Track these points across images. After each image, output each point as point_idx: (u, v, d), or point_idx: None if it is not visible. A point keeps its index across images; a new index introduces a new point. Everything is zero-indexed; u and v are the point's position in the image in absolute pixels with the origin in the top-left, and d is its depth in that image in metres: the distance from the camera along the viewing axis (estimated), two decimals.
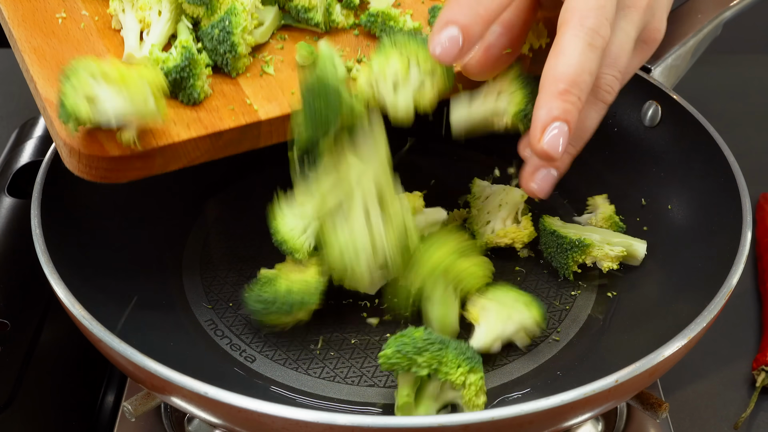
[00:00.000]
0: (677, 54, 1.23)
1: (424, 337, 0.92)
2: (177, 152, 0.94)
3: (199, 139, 0.94)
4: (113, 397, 1.09)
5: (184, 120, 0.95)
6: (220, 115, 0.96)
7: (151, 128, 0.92)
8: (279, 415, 0.78)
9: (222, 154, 0.97)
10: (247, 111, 0.97)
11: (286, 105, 0.98)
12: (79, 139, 0.90)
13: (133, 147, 0.90)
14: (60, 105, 0.86)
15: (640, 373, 0.84)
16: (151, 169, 0.93)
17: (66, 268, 0.93)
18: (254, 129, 0.98)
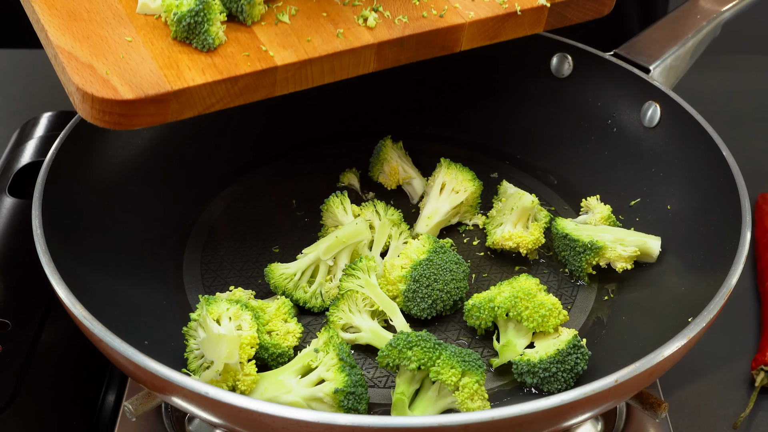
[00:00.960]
0: (676, 54, 1.23)
1: (418, 334, 0.93)
2: (192, 97, 0.93)
3: (214, 84, 0.94)
4: (114, 396, 1.09)
5: (199, 65, 0.94)
6: (236, 61, 0.96)
7: (165, 72, 0.93)
8: (279, 415, 0.78)
9: (237, 101, 0.97)
10: (262, 57, 0.97)
11: (302, 51, 0.98)
12: (92, 84, 0.90)
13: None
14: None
15: (639, 372, 0.84)
16: (165, 115, 0.93)
17: (67, 268, 0.93)
18: (270, 75, 0.97)
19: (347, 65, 1.01)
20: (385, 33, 1.02)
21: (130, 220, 1.11)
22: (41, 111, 1.36)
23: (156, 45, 0.96)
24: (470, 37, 1.07)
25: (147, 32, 0.97)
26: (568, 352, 0.95)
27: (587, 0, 1.11)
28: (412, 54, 1.05)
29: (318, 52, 0.99)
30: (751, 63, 1.72)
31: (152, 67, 0.93)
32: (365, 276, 1.03)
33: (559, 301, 1.00)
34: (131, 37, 0.96)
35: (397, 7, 1.05)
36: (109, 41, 0.95)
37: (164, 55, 0.95)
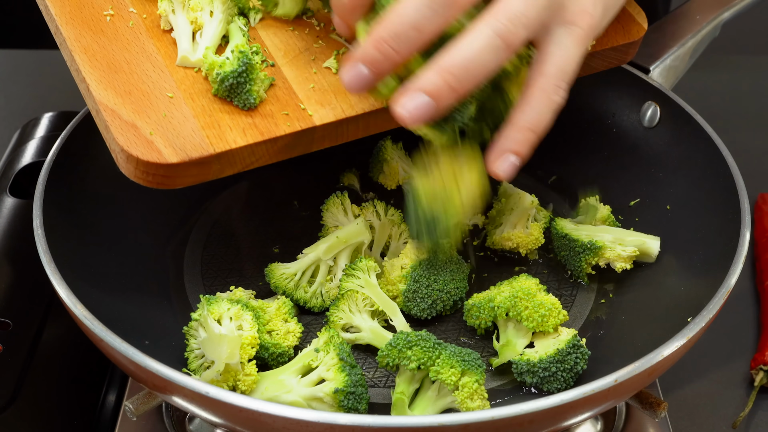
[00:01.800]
0: (676, 55, 1.24)
1: (418, 334, 0.93)
2: (233, 158, 0.93)
3: (255, 145, 0.93)
4: (115, 396, 1.09)
5: (240, 126, 0.94)
6: (276, 121, 0.95)
7: (207, 132, 0.92)
8: (280, 415, 0.78)
9: (276, 158, 0.96)
10: (301, 116, 0.96)
11: (339, 110, 0.97)
12: (137, 146, 0.89)
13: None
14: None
15: (639, 372, 0.84)
16: (207, 175, 0.93)
17: (68, 269, 0.93)
18: (309, 134, 0.97)
19: (382, 120, 1.00)
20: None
21: (130, 220, 1.11)
22: (42, 111, 1.36)
23: (197, 102, 0.95)
24: None
25: (187, 86, 0.96)
26: (567, 351, 0.95)
27: (612, 51, 1.11)
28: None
29: (355, 111, 0.98)
30: (750, 63, 1.72)
31: (194, 127, 0.92)
32: (365, 276, 1.03)
33: (558, 301, 1.00)
34: (172, 92, 0.95)
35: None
36: (150, 97, 0.94)
37: (205, 113, 0.94)
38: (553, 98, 0.87)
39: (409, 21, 0.82)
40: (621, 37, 1.10)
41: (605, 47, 1.10)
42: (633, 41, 1.12)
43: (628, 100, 1.21)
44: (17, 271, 1.11)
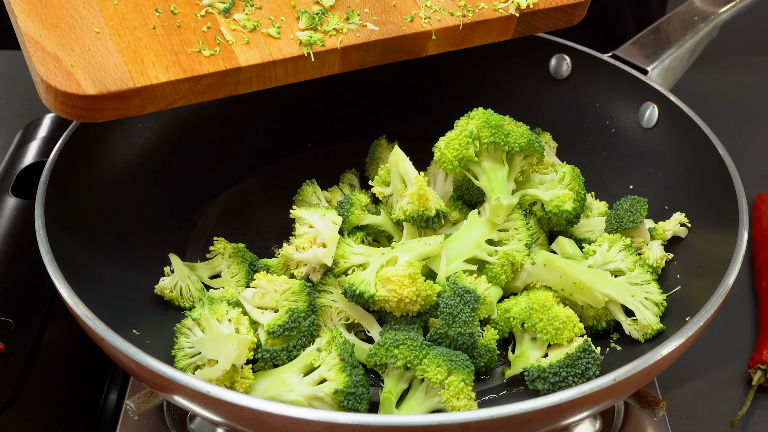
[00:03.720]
0: (674, 56, 1.24)
1: (406, 334, 0.94)
2: (154, 94, 0.93)
3: (177, 82, 0.94)
4: (116, 395, 1.10)
5: (164, 63, 0.94)
6: (200, 60, 0.95)
7: (129, 68, 0.92)
8: (280, 414, 0.79)
9: (200, 99, 0.97)
10: (227, 57, 0.96)
11: (267, 53, 0.98)
12: (56, 77, 0.90)
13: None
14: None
15: (637, 371, 0.84)
16: (127, 110, 0.93)
17: (69, 268, 0.94)
18: (233, 75, 0.97)
19: (311, 67, 1.01)
20: (351, 37, 1.02)
21: (132, 220, 1.12)
22: (44, 112, 1.37)
23: (123, 38, 0.95)
24: (437, 43, 1.07)
25: (115, 23, 0.96)
26: (577, 356, 0.94)
27: (556, 10, 1.12)
28: (378, 58, 1.05)
29: (282, 54, 0.98)
30: (748, 64, 1.72)
31: (117, 62, 0.93)
32: (337, 291, 1.03)
33: (574, 314, 0.99)
34: (99, 28, 0.95)
35: (367, 10, 1.05)
36: (76, 30, 0.94)
37: (130, 49, 0.94)
38: None
39: None
40: None
41: (549, 6, 1.11)
42: (579, 2, 1.12)
43: (627, 100, 1.21)
44: (19, 271, 1.11)
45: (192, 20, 0.99)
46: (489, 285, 0.99)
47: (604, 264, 1.02)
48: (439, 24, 1.06)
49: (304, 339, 0.96)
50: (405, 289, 0.95)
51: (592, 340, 0.99)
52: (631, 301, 0.99)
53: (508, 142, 1.03)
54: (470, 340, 0.96)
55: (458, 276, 0.98)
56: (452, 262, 1.02)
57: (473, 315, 0.96)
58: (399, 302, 0.96)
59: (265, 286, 0.98)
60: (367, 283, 0.97)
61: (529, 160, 1.08)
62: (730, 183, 1.05)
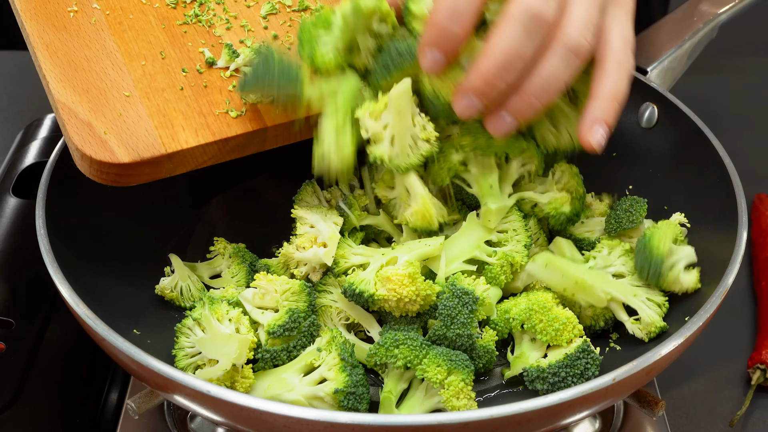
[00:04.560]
0: (674, 56, 1.24)
1: (406, 334, 0.94)
2: (185, 158, 0.95)
3: (206, 146, 0.96)
4: (117, 394, 1.10)
5: (193, 126, 0.96)
6: (228, 121, 0.97)
7: (160, 132, 0.94)
8: (280, 413, 0.79)
9: (228, 157, 0.99)
10: (253, 117, 0.98)
11: (291, 111, 0.99)
12: (91, 146, 0.91)
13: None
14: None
15: (637, 371, 0.84)
16: (159, 173, 0.95)
17: (70, 268, 0.94)
18: (260, 135, 0.99)
19: None
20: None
21: (132, 220, 1.12)
22: (45, 112, 1.37)
23: (152, 101, 0.97)
24: None
25: (144, 85, 0.98)
26: (576, 356, 0.94)
27: None
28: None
29: (307, 111, 1.00)
30: (747, 65, 1.72)
31: (148, 127, 0.94)
32: (337, 291, 1.04)
33: (574, 316, 0.99)
34: (129, 91, 0.97)
35: None
36: (107, 95, 0.96)
37: (160, 113, 0.96)
38: (626, 66, 0.95)
39: (511, 51, 0.89)
40: None
41: None
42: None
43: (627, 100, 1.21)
44: (20, 271, 1.11)
45: (218, 79, 1.01)
46: (488, 286, 0.99)
47: (605, 267, 1.02)
48: None
49: (304, 339, 0.97)
50: (404, 288, 0.95)
51: (592, 341, 0.99)
52: (633, 300, 0.99)
53: (491, 145, 1.03)
54: (468, 341, 0.96)
55: (456, 277, 0.98)
56: (452, 262, 1.02)
57: (471, 316, 0.96)
58: (398, 302, 0.96)
59: (265, 287, 0.99)
60: (367, 282, 0.98)
61: (528, 168, 1.08)
62: (729, 183, 1.05)
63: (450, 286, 0.97)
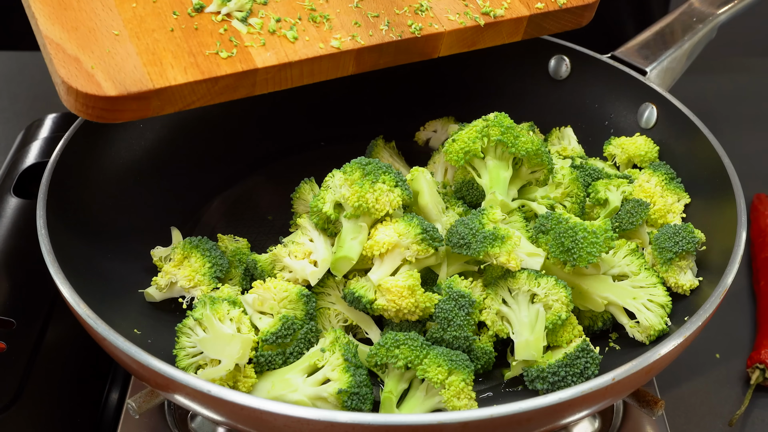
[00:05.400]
0: (673, 57, 1.24)
1: (406, 334, 0.94)
2: (173, 95, 0.95)
3: (195, 84, 0.95)
4: (117, 394, 1.10)
5: (182, 64, 0.95)
6: (217, 61, 0.97)
7: (149, 69, 0.94)
8: (281, 413, 0.79)
9: (218, 99, 0.98)
10: (244, 58, 0.98)
11: (283, 54, 0.99)
12: (77, 78, 0.91)
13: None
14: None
15: (636, 371, 0.85)
16: (146, 110, 0.94)
17: (71, 268, 0.94)
18: (250, 77, 0.98)
19: (326, 68, 1.03)
20: (365, 38, 1.03)
21: (134, 219, 1.12)
22: (46, 112, 1.37)
23: (142, 40, 0.96)
24: (449, 45, 1.09)
25: (134, 25, 0.97)
26: (576, 355, 0.94)
27: (565, 12, 1.13)
28: (391, 59, 1.07)
29: (298, 56, 1.00)
30: (745, 65, 1.73)
31: (137, 64, 0.94)
32: (336, 293, 1.04)
33: (573, 316, 0.99)
34: (118, 30, 0.96)
35: (381, 12, 1.06)
36: (96, 33, 0.95)
37: (149, 51, 0.95)
38: None
39: None
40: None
41: (558, 8, 1.12)
42: (588, 4, 1.13)
43: (626, 101, 1.22)
44: (21, 271, 1.11)
45: (209, 23, 1.00)
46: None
47: (609, 269, 1.03)
48: (451, 26, 1.07)
49: (302, 345, 0.97)
50: (404, 300, 0.95)
51: (592, 340, 0.99)
52: (632, 304, 0.99)
53: (516, 144, 1.04)
54: (465, 343, 0.97)
55: (453, 280, 0.98)
56: (452, 264, 1.02)
57: (468, 319, 0.96)
58: (397, 312, 0.96)
59: (262, 294, 0.99)
60: (367, 288, 0.98)
61: (536, 176, 1.08)
62: (728, 183, 1.05)
63: (447, 289, 0.97)
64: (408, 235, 0.98)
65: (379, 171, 1.00)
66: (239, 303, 0.99)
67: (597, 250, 0.97)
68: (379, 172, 1.00)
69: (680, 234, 1.03)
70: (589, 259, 0.97)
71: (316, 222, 1.02)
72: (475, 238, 0.97)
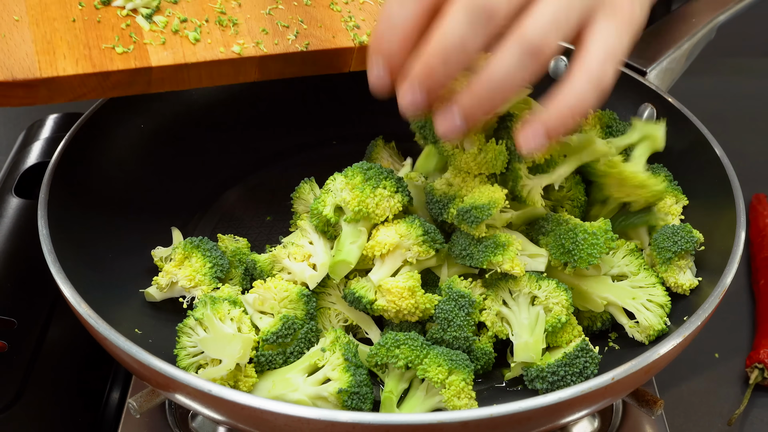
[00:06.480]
0: (672, 57, 1.24)
1: (406, 334, 0.94)
2: (62, 86, 0.93)
3: (85, 76, 0.94)
4: (118, 393, 1.10)
5: (75, 56, 0.94)
6: (111, 56, 0.96)
7: (40, 57, 0.93)
8: (281, 412, 0.79)
9: (111, 94, 0.97)
10: (139, 55, 0.97)
11: (180, 55, 0.98)
12: None
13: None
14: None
15: (635, 370, 0.85)
16: (35, 98, 0.93)
17: (72, 268, 0.94)
18: (144, 74, 0.97)
19: (227, 73, 1.02)
20: (269, 47, 1.03)
21: (134, 220, 1.12)
22: (47, 113, 1.37)
23: (41, 28, 0.95)
24: (360, 60, 1.08)
25: (36, 13, 0.96)
26: (575, 355, 0.95)
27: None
28: (298, 69, 1.05)
29: (196, 58, 0.99)
30: (745, 66, 1.73)
31: (29, 51, 0.93)
32: (336, 292, 1.04)
33: (573, 317, 0.99)
34: (19, 15, 0.96)
35: (292, 23, 1.06)
36: None
37: (45, 39, 0.95)
38: (597, 80, 0.85)
39: (453, 41, 0.83)
40: None
41: None
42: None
43: (625, 101, 1.21)
44: (22, 271, 1.12)
45: (113, 17, 0.99)
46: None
47: (608, 269, 1.03)
48: (363, 40, 1.06)
49: (302, 345, 0.97)
50: (404, 301, 0.96)
51: (591, 340, 1.00)
52: (631, 304, 0.99)
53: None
54: (465, 344, 0.97)
55: (453, 281, 0.99)
56: (453, 265, 1.03)
57: (468, 319, 0.97)
58: (397, 313, 0.97)
59: (263, 294, 0.99)
60: (367, 289, 0.98)
61: None
62: (727, 183, 1.05)
63: (447, 290, 0.97)
64: (409, 236, 0.98)
65: (380, 176, 1.00)
66: (240, 303, 0.99)
67: (597, 251, 0.97)
68: (381, 177, 1.00)
69: (679, 234, 1.03)
70: (589, 260, 0.97)
71: (316, 224, 1.03)
72: (477, 247, 0.98)
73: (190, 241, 1.05)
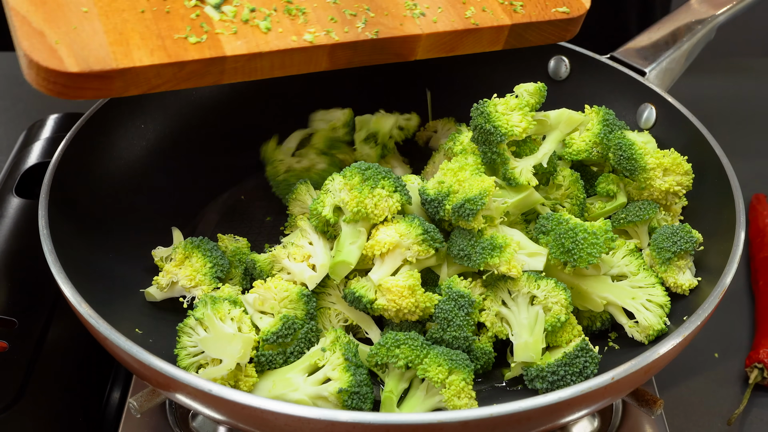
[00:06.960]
0: (672, 57, 1.24)
1: (407, 334, 0.94)
2: (137, 77, 0.93)
3: (160, 67, 0.93)
4: (119, 393, 1.10)
5: (149, 46, 0.94)
6: (186, 46, 0.95)
7: (114, 48, 0.92)
8: (281, 412, 0.80)
9: (184, 85, 0.96)
10: (213, 45, 0.96)
11: (254, 44, 0.98)
12: (39, 52, 0.89)
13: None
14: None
15: (635, 370, 0.85)
16: (109, 90, 0.93)
17: (72, 268, 0.94)
18: (218, 64, 0.97)
19: (298, 62, 1.01)
20: (340, 35, 1.02)
21: (135, 219, 1.12)
22: (48, 113, 1.37)
23: (111, 19, 0.95)
24: (426, 48, 1.08)
25: (104, 4, 0.96)
26: (575, 354, 0.95)
27: (548, 25, 1.12)
28: (366, 58, 1.06)
29: (270, 47, 0.98)
30: (744, 66, 1.73)
31: (102, 42, 0.92)
32: (336, 292, 1.04)
33: (573, 317, 0.99)
34: (87, 7, 0.95)
35: (359, 10, 1.05)
36: (64, 9, 0.94)
37: (117, 31, 0.94)
38: None
39: None
40: (561, 12, 1.12)
41: (543, 20, 1.11)
42: (573, 18, 1.13)
43: (625, 101, 1.22)
44: (23, 271, 1.12)
45: (181, 7, 0.99)
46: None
47: (608, 269, 1.03)
48: (429, 29, 1.06)
49: (302, 345, 0.97)
50: (404, 300, 0.96)
51: (591, 340, 1.00)
52: (631, 304, 0.99)
53: None
54: (465, 343, 0.97)
55: (453, 280, 0.99)
56: (453, 264, 1.03)
57: (467, 319, 0.97)
58: (398, 312, 0.97)
59: (263, 294, 0.99)
60: (367, 288, 0.98)
61: None
62: (727, 183, 1.05)
63: (446, 289, 0.98)
64: (409, 235, 0.98)
65: (378, 176, 1.00)
66: (240, 303, 0.99)
67: (597, 251, 0.97)
68: (379, 177, 1.00)
69: (678, 234, 1.03)
70: (589, 260, 0.97)
71: (316, 225, 1.03)
72: (474, 249, 0.98)
73: (190, 240, 1.05)
